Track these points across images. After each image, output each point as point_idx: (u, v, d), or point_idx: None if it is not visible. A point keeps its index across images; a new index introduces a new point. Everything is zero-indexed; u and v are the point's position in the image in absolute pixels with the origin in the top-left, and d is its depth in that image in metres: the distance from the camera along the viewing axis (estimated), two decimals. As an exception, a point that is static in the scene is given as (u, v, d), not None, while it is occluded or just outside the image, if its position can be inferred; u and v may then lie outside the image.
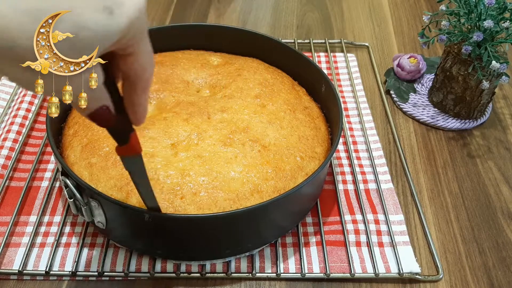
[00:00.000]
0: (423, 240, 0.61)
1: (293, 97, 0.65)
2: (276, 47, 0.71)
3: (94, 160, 0.55)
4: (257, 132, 0.58)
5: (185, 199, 0.51)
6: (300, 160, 0.57)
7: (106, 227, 0.54)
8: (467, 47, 0.68)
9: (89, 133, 0.58)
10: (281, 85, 0.66)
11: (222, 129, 0.58)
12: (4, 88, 0.76)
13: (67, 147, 0.58)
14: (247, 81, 0.66)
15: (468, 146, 0.74)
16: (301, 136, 0.60)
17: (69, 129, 0.60)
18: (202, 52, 0.74)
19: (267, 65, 0.71)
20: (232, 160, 0.55)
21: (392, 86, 0.82)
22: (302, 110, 0.64)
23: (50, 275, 0.54)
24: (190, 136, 0.57)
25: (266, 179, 0.54)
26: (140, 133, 0.56)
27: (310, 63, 0.67)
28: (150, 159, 0.54)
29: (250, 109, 0.61)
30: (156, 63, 0.68)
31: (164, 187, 0.52)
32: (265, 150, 0.57)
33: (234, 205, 0.52)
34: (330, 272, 0.56)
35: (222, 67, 0.69)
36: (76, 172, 0.55)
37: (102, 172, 0.54)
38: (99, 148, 0.56)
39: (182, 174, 0.53)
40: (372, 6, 1.04)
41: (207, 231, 0.52)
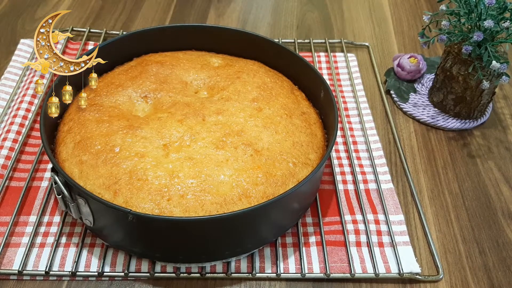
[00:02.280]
0: (423, 240, 0.61)
1: (291, 102, 0.65)
2: (277, 50, 0.71)
3: (85, 157, 0.55)
4: (251, 136, 0.58)
5: (171, 201, 0.51)
6: (293, 166, 0.56)
7: (93, 226, 0.54)
8: (467, 47, 0.68)
9: (83, 131, 0.58)
10: (280, 89, 0.66)
11: (216, 131, 0.58)
12: (4, 88, 0.76)
13: (60, 144, 0.58)
14: (245, 84, 0.65)
15: (468, 146, 0.74)
16: (295, 142, 0.59)
17: (64, 126, 0.60)
18: (203, 53, 0.73)
19: (268, 69, 0.71)
20: (223, 164, 0.54)
21: (392, 86, 0.82)
22: (299, 115, 0.63)
23: (50, 275, 0.54)
24: (183, 137, 0.57)
25: (256, 184, 0.53)
26: (133, 132, 0.57)
27: (310, 68, 0.67)
28: (141, 159, 0.54)
29: (246, 112, 0.61)
30: (156, 63, 0.68)
31: (152, 188, 0.52)
32: (257, 155, 0.56)
33: (221, 209, 0.51)
34: (330, 272, 0.56)
35: (222, 69, 0.69)
36: (66, 169, 0.55)
37: (92, 170, 0.54)
38: (91, 145, 0.56)
39: (171, 175, 0.53)
40: (372, 6, 1.04)
41: (192, 234, 0.52)
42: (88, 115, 0.60)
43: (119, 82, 0.65)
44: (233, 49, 0.74)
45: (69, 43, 0.86)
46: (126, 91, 0.64)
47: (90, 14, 0.96)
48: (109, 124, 0.58)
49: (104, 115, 0.60)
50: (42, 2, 0.98)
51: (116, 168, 0.53)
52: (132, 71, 0.67)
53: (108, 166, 0.54)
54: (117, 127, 0.58)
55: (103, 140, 0.56)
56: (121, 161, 0.54)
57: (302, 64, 0.68)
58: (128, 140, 0.56)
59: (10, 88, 0.76)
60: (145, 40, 0.72)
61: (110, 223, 0.54)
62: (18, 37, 0.87)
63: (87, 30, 0.89)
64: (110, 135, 0.57)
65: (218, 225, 0.51)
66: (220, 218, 0.49)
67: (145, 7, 0.99)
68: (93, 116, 0.59)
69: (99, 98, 0.62)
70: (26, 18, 0.93)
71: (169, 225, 0.50)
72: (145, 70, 0.67)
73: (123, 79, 0.66)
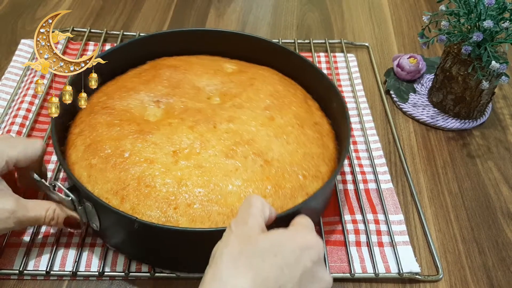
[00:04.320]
0: (423, 240, 0.61)
1: (304, 111, 0.63)
2: (291, 58, 0.70)
3: (95, 161, 0.55)
4: (261, 145, 0.57)
5: (178, 210, 0.51)
6: (303, 179, 0.55)
7: (100, 230, 0.53)
8: (467, 47, 0.68)
9: (94, 134, 0.57)
10: (293, 98, 0.65)
11: (227, 139, 0.57)
12: (5, 88, 0.76)
13: (70, 146, 0.58)
14: (258, 91, 0.64)
15: (468, 146, 0.74)
16: (306, 153, 0.58)
17: (75, 128, 0.60)
18: (217, 58, 0.73)
19: (281, 76, 0.70)
20: (232, 173, 0.54)
21: (392, 86, 0.82)
22: (312, 125, 0.62)
23: (50, 275, 0.54)
24: (193, 144, 0.56)
25: (264, 196, 0.52)
26: (143, 137, 0.56)
27: (324, 77, 0.65)
28: (150, 165, 0.53)
29: (257, 121, 0.60)
30: (169, 67, 0.68)
31: (159, 195, 0.51)
32: (267, 165, 0.55)
33: (227, 220, 0.50)
34: (330, 272, 0.56)
35: (235, 75, 0.68)
36: (76, 172, 0.55)
37: (100, 174, 0.53)
38: (101, 149, 0.55)
39: (179, 183, 0.52)
40: (372, 6, 1.04)
41: (197, 244, 0.51)
42: (100, 118, 0.59)
43: (132, 85, 0.64)
44: (247, 54, 0.73)
45: (69, 43, 0.86)
46: (138, 95, 0.63)
47: (90, 14, 0.96)
48: (120, 128, 0.57)
49: (115, 119, 0.59)
50: (42, 2, 0.98)
51: (125, 173, 0.53)
52: (145, 74, 0.67)
53: (116, 171, 0.53)
54: (128, 131, 0.57)
55: (113, 144, 0.56)
56: (130, 167, 0.53)
57: (316, 73, 0.67)
58: (138, 145, 0.55)
59: (10, 88, 0.76)
60: (158, 43, 0.72)
61: (116, 228, 0.53)
62: (18, 37, 0.87)
63: (88, 30, 0.89)
64: (120, 139, 0.56)
65: None
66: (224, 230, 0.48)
67: (145, 7, 0.99)
68: (104, 119, 0.59)
69: (111, 101, 0.62)
70: (26, 18, 0.93)
71: (175, 235, 0.50)
72: (158, 74, 0.66)
73: (136, 83, 0.65)
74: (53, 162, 0.66)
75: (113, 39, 0.89)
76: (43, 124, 0.71)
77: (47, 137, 0.69)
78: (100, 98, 0.63)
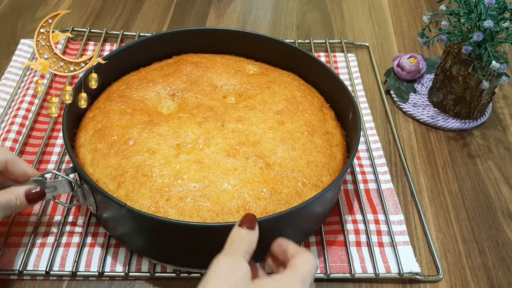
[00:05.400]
0: (423, 240, 0.61)
1: (317, 120, 0.62)
2: (313, 64, 0.69)
3: (100, 146, 0.56)
4: (265, 148, 0.57)
5: (169, 202, 0.51)
6: (302, 186, 0.54)
7: (97, 213, 0.55)
8: (467, 47, 0.68)
9: (105, 119, 0.59)
10: (308, 105, 0.64)
11: (232, 139, 0.57)
12: (4, 88, 0.76)
13: (81, 129, 0.60)
14: (274, 95, 0.64)
15: (468, 146, 0.74)
16: (310, 162, 0.57)
17: (90, 112, 0.62)
18: (241, 59, 0.73)
19: (302, 82, 0.69)
20: (230, 172, 0.54)
21: (392, 86, 0.82)
22: (322, 134, 0.61)
23: (50, 275, 0.54)
24: (198, 140, 0.57)
25: (258, 198, 0.52)
26: (150, 128, 0.57)
27: (343, 87, 0.64)
28: (151, 156, 0.54)
29: (267, 123, 0.60)
30: (191, 63, 0.69)
31: (154, 185, 0.52)
32: (267, 168, 0.55)
33: (216, 217, 0.50)
34: (330, 272, 0.56)
35: (255, 77, 0.68)
36: (81, 154, 0.57)
37: (102, 159, 0.55)
38: (109, 135, 0.57)
39: (175, 176, 0.53)
40: (372, 6, 1.04)
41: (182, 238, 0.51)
42: (114, 105, 0.61)
43: (152, 78, 0.66)
44: (271, 58, 0.73)
45: (69, 43, 0.86)
46: (156, 87, 0.65)
47: (90, 14, 0.96)
48: (130, 117, 0.59)
49: (129, 108, 0.61)
50: (42, 2, 0.98)
51: (126, 160, 0.54)
52: (167, 68, 0.69)
53: (118, 157, 0.55)
54: (137, 121, 0.59)
55: (121, 131, 0.57)
56: (132, 155, 0.55)
57: (336, 82, 0.65)
58: (144, 135, 0.57)
59: (10, 88, 0.76)
60: (186, 39, 0.73)
61: (109, 213, 0.54)
62: (18, 37, 0.87)
63: (87, 30, 0.89)
64: (128, 127, 0.58)
65: (209, 232, 0.50)
66: (210, 227, 0.49)
67: (145, 7, 0.99)
68: (118, 107, 0.61)
69: (129, 91, 0.64)
70: (26, 18, 0.93)
71: (159, 225, 0.50)
72: (179, 69, 0.68)
73: (156, 75, 0.67)
74: (52, 162, 0.66)
75: (113, 39, 0.89)
76: (43, 124, 0.71)
77: (47, 137, 0.69)
78: (120, 86, 0.65)
